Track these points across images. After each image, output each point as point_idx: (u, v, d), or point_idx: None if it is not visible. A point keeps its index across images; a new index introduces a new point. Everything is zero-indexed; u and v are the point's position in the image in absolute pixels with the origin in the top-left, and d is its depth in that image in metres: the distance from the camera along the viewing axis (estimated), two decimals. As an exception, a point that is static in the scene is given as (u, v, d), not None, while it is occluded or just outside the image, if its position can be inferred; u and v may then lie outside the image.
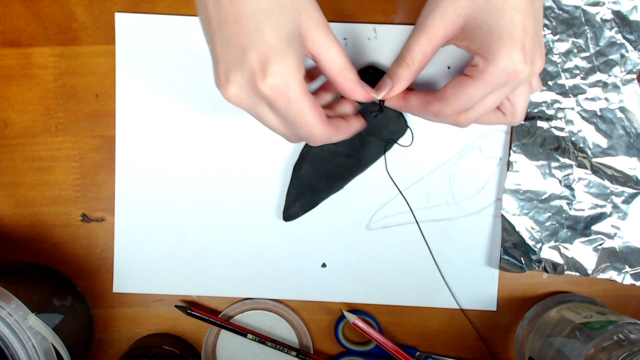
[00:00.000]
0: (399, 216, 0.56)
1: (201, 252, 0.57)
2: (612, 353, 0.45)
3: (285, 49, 0.39)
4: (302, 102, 0.41)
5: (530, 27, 0.41)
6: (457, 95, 0.44)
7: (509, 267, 0.55)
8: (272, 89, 0.40)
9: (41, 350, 0.46)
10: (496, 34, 0.41)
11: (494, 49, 0.41)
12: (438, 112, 0.46)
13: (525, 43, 0.41)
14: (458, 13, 0.42)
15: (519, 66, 0.41)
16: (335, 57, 0.43)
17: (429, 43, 0.44)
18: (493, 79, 0.42)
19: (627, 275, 0.55)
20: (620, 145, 0.55)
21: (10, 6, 0.55)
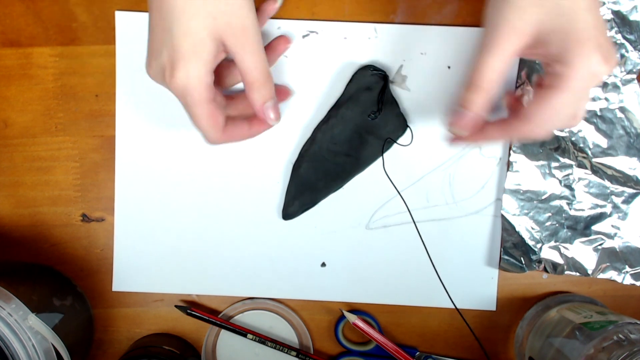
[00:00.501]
0: (398, 216, 0.56)
1: (201, 251, 0.57)
2: (612, 353, 0.45)
3: (189, 57, 0.41)
4: (198, 108, 0.43)
5: (601, 25, 0.40)
6: (544, 111, 0.41)
7: (509, 267, 0.55)
8: (175, 90, 0.43)
9: (41, 350, 0.46)
10: (574, 37, 0.39)
11: (575, 52, 0.39)
12: (528, 134, 0.43)
13: (600, 42, 0.39)
14: (528, 22, 0.40)
15: (600, 67, 0.39)
16: (249, 69, 0.43)
17: (500, 60, 0.42)
18: (579, 84, 0.40)
19: (627, 275, 0.55)
20: (620, 145, 0.55)
21: (10, 6, 0.55)
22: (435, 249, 0.56)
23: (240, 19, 0.42)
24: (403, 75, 0.55)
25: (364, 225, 0.56)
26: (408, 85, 0.55)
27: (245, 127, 0.48)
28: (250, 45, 0.43)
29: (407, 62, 0.55)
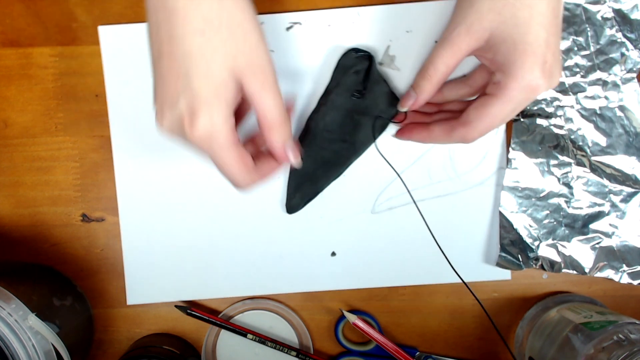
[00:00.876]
0: (403, 196, 0.56)
1: (211, 254, 0.57)
2: (612, 353, 0.45)
3: (211, 100, 0.39)
4: (226, 154, 0.41)
5: (553, 42, 0.41)
6: (481, 117, 0.44)
7: (506, 264, 0.55)
8: (198, 139, 0.40)
9: (41, 350, 0.46)
10: (520, 49, 0.41)
11: (518, 64, 0.41)
12: (464, 137, 0.46)
13: (546, 58, 0.41)
14: (484, 27, 0.43)
15: (539, 81, 0.41)
16: (268, 110, 0.42)
17: (452, 55, 0.45)
18: (516, 95, 0.42)
19: (625, 274, 0.55)
20: (620, 144, 0.55)
21: (10, 6, 0.55)
22: (442, 225, 0.56)
23: (259, 58, 0.41)
24: (391, 55, 0.54)
25: (369, 210, 0.56)
26: (397, 64, 0.55)
27: (272, 162, 0.46)
28: (269, 85, 0.41)
29: (393, 41, 0.55)
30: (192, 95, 0.39)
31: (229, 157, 0.41)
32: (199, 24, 0.38)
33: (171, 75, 0.39)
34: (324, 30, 0.55)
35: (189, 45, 0.38)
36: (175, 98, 0.39)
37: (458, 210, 0.56)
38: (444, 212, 0.56)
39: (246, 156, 0.43)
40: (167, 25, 0.39)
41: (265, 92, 0.41)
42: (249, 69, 0.40)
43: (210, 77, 0.39)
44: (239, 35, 0.39)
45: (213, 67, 0.39)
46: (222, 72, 0.39)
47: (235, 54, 0.39)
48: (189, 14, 0.38)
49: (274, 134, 0.43)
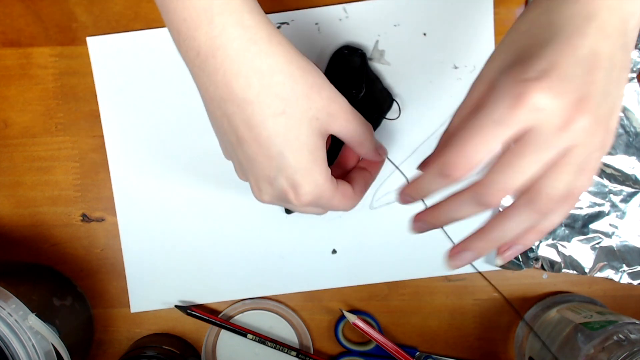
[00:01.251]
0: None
1: (209, 256, 0.57)
2: (612, 353, 0.45)
3: (311, 168, 0.39)
4: (332, 202, 0.42)
5: (564, 62, 0.32)
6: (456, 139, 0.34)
7: (506, 264, 0.55)
8: (307, 204, 0.41)
9: (41, 350, 0.46)
10: (512, 64, 0.34)
11: (504, 75, 0.34)
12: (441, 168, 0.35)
13: (543, 67, 0.32)
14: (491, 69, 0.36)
15: (527, 84, 0.32)
16: (353, 135, 0.42)
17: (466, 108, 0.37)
18: (492, 101, 0.33)
19: (625, 274, 0.55)
20: (620, 144, 0.55)
21: (10, 6, 0.55)
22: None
23: (335, 102, 0.40)
24: (380, 50, 0.54)
25: (367, 206, 0.56)
26: (387, 59, 0.55)
27: (366, 175, 0.47)
28: (350, 116, 0.41)
29: (382, 36, 0.54)
30: (291, 170, 0.39)
31: (335, 201, 0.42)
32: (278, 105, 0.38)
33: (263, 156, 0.39)
34: (312, 29, 0.55)
35: (274, 128, 0.38)
36: (272, 176, 0.40)
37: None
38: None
39: (346, 189, 0.44)
40: (242, 115, 0.38)
41: (349, 122, 0.41)
42: (330, 118, 0.40)
43: (302, 148, 0.39)
44: (315, 98, 0.39)
45: (302, 139, 0.39)
46: (310, 139, 0.39)
47: (317, 115, 0.39)
48: (264, 101, 0.37)
49: (366, 145, 0.44)
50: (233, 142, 0.40)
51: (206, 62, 0.37)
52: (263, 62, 0.37)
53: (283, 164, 0.39)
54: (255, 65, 0.37)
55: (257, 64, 0.37)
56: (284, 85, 0.38)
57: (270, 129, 0.38)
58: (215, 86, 0.37)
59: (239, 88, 0.37)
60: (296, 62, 0.38)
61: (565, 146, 0.32)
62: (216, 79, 0.37)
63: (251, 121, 0.38)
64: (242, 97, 0.37)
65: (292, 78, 0.38)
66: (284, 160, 0.39)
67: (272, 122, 0.38)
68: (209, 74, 0.37)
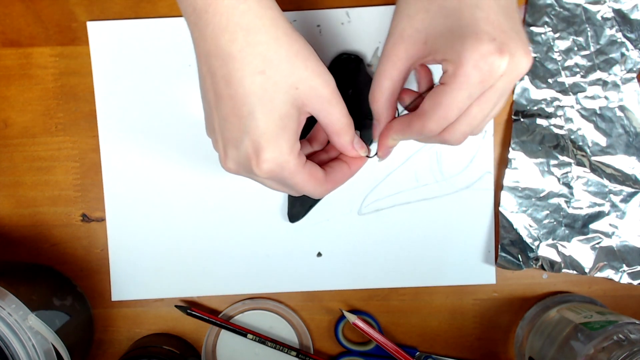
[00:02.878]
0: (389, 199, 0.56)
1: (196, 252, 0.57)
2: (612, 353, 0.45)
3: (277, 133, 0.40)
4: (297, 177, 0.42)
5: (497, 20, 0.38)
6: (434, 108, 0.40)
7: (506, 264, 0.55)
8: (267, 173, 0.41)
9: (41, 350, 0.46)
10: (458, 33, 0.38)
11: (459, 48, 0.37)
12: (421, 130, 0.41)
13: (495, 36, 0.37)
14: (416, 28, 0.40)
15: (492, 59, 0.37)
16: (332, 121, 0.42)
17: (393, 67, 0.42)
18: (467, 80, 0.38)
19: (625, 274, 0.55)
20: (619, 144, 0.55)
21: (10, 6, 0.55)
22: (429, 229, 0.56)
23: (320, 77, 0.40)
24: (380, 57, 0.54)
25: (356, 211, 0.56)
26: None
27: (344, 168, 0.47)
28: (334, 98, 0.41)
29: (382, 43, 0.54)
30: (257, 133, 0.39)
31: (300, 179, 0.42)
32: (258, 64, 0.38)
33: (234, 116, 0.39)
34: (313, 31, 0.55)
35: (250, 86, 0.39)
36: (239, 138, 0.40)
37: (445, 214, 0.56)
38: (430, 214, 0.56)
39: (316, 172, 0.43)
40: (223, 70, 0.39)
41: (330, 105, 0.41)
42: (311, 92, 0.40)
43: (273, 112, 0.39)
44: (299, 65, 0.39)
45: (276, 102, 0.39)
46: (285, 106, 0.39)
47: (297, 84, 0.39)
48: (246, 57, 0.38)
49: (342, 137, 0.44)
50: (211, 103, 0.41)
51: (200, 17, 0.38)
52: (250, 21, 0.38)
53: (251, 124, 0.39)
54: (242, 22, 0.38)
55: (244, 21, 0.38)
56: (267, 45, 0.39)
57: (247, 86, 0.38)
58: (205, 40, 0.39)
59: (224, 42, 0.38)
60: (283, 28, 0.39)
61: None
62: (206, 33, 0.39)
63: (231, 77, 0.39)
64: (227, 52, 0.38)
65: (276, 41, 0.39)
66: (253, 120, 0.39)
67: (250, 80, 0.38)
68: (201, 29, 0.39)
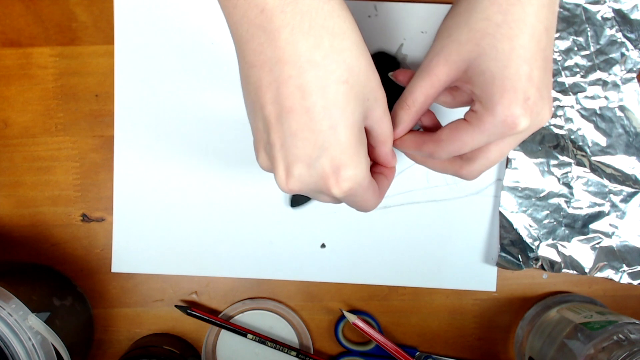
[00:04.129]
0: (398, 197, 0.56)
1: (201, 235, 0.56)
2: (612, 353, 0.45)
3: (359, 149, 0.37)
4: (367, 194, 0.41)
5: (537, 76, 0.38)
6: (451, 139, 0.41)
7: (506, 264, 0.55)
8: (346, 192, 0.38)
9: (41, 350, 0.46)
10: (499, 83, 0.38)
11: (495, 99, 0.38)
12: (432, 153, 0.43)
13: (529, 94, 0.38)
14: (462, 58, 0.40)
15: (518, 119, 0.38)
16: (384, 130, 0.41)
17: (431, 86, 0.42)
18: (490, 128, 0.39)
19: (625, 274, 0.55)
20: (620, 144, 0.55)
21: (10, 6, 0.55)
22: (435, 230, 0.56)
23: (381, 89, 0.39)
24: (403, 54, 0.54)
25: None
26: (408, 63, 0.55)
27: (384, 179, 0.45)
28: (387, 110, 0.41)
29: (407, 40, 0.55)
30: (340, 149, 0.36)
31: (368, 196, 0.41)
32: (343, 73, 0.35)
33: (308, 131, 0.35)
34: None
35: (334, 97, 0.35)
36: (314, 156, 0.36)
37: (452, 217, 0.56)
38: (437, 217, 0.56)
39: (375, 187, 0.42)
40: (299, 79, 0.35)
41: (385, 115, 0.40)
42: (375, 104, 0.39)
43: (354, 126, 0.37)
44: (371, 76, 0.38)
45: (356, 116, 0.37)
46: (360, 119, 0.38)
47: (368, 95, 0.38)
48: (330, 65, 0.35)
49: (388, 145, 0.43)
50: (272, 117, 0.36)
51: (271, 19, 0.34)
52: (336, 24, 0.35)
53: (332, 140, 0.36)
54: (328, 24, 0.35)
55: (330, 24, 0.35)
56: (351, 52, 0.36)
57: (330, 97, 0.35)
58: (275, 46, 0.34)
59: (306, 47, 0.34)
60: (359, 32, 0.37)
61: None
62: (279, 37, 0.34)
63: (309, 87, 0.35)
64: (307, 58, 0.34)
65: (358, 48, 0.36)
66: (335, 136, 0.36)
67: (334, 89, 0.35)
68: (272, 33, 0.34)
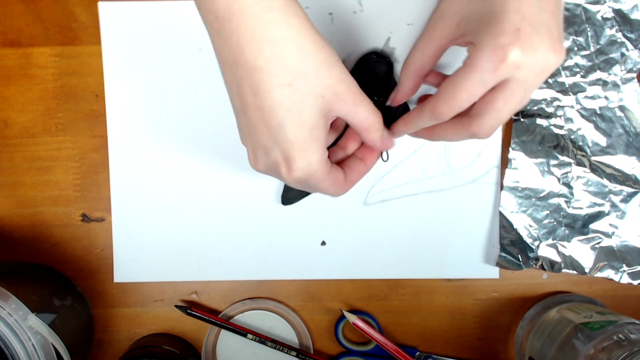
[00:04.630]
0: (396, 190, 0.56)
1: (199, 238, 0.57)
2: (612, 353, 0.45)
3: (307, 145, 0.40)
4: (322, 184, 0.43)
5: (528, 11, 0.37)
6: (449, 89, 0.40)
7: (506, 264, 0.55)
8: (296, 180, 0.41)
9: (41, 350, 0.46)
10: (486, 19, 0.38)
11: (482, 33, 0.38)
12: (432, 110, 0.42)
13: (520, 26, 0.37)
14: (454, 10, 0.42)
15: (508, 49, 0.36)
16: (360, 120, 0.43)
17: (427, 43, 0.44)
18: (481, 63, 0.38)
19: (625, 274, 0.55)
20: (619, 144, 0.55)
21: (10, 6, 0.55)
22: (434, 220, 0.56)
23: (343, 82, 0.40)
24: (391, 47, 0.54)
25: (361, 202, 0.56)
26: (397, 57, 0.55)
27: (361, 166, 0.47)
28: (358, 99, 0.42)
29: (394, 33, 0.55)
30: (288, 144, 0.39)
31: (325, 185, 0.43)
32: (286, 77, 0.38)
33: (263, 125, 0.40)
34: (325, 18, 0.55)
35: (278, 99, 0.38)
36: (269, 146, 0.40)
37: (450, 207, 0.56)
38: (435, 207, 0.56)
39: (338, 176, 0.44)
40: (249, 81, 0.38)
41: (356, 105, 0.41)
42: (336, 97, 0.40)
43: (303, 124, 0.39)
44: (324, 74, 0.39)
45: (304, 114, 0.39)
46: (313, 115, 0.40)
47: (323, 93, 0.40)
48: (273, 69, 0.38)
49: (373, 133, 0.44)
50: (238, 108, 0.41)
51: (223, 26, 0.38)
52: (276, 31, 0.38)
53: (281, 136, 0.39)
54: (269, 33, 0.37)
55: (271, 32, 0.37)
56: (294, 56, 0.38)
57: (275, 99, 0.38)
58: (229, 50, 0.38)
59: (250, 54, 0.38)
60: (310, 36, 0.39)
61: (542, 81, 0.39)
62: (230, 43, 0.38)
63: (257, 88, 0.38)
64: (252, 64, 0.38)
65: (303, 51, 0.38)
66: (283, 132, 0.39)
67: (278, 92, 0.38)
68: (225, 38, 0.38)
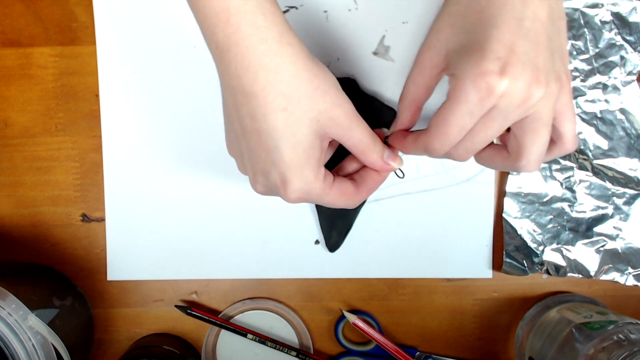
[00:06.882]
0: (390, 188, 0.56)
1: (195, 238, 0.56)
2: (612, 353, 0.45)
3: (302, 165, 0.41)
4: (326, 198, 0.44)
5: (513, 41, 0.37)
6: (437, 124, 0.40)
7: (511, 270, 0.55)
8: (295, 200, 0.43)
9: (41, 350, 0.46)
10: (469, 49, 0.38)
11: (464, 63, 0.38)
12: (426, 147, 0.42)
13: (501, 55, 0.37)
14: (440, 41, 0.42)
15: (490, 78, 0.36)
16: (355, 143, 0.43)
17: (418, 73, 0.44)
18: (464, 96, 0.37)
19: (630, 276, 0.56)
20: (621, 147, 0.55)
21: (10, 6, 0.55)
22: (428, 219, 0.56)
23: (339, 107, 0.42)
24: (386, 45, 0.55)
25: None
26: (391, 55, 0.55)
27: (374, 174, 0.47)
28: (353, 122, 0.43)
29: (389, 32, 0.55)
30: (284, 167, 0.41)
31: (329, 199, 0.44)
32: (280, 102, 0.40)
33: (261, 149, 0.41)
34: (320, 16, 0.54)
35: (274, 123, 0.40)
36: (267, 169, 0.42)
37: (444, 206, 0.56)
38: (430, 206, 0.56)
39: (345, 187, 0.45)
40: (247, 106, 0.41)
41: (351, 129, 0.43)
42: (331, 122, 0.42)
43: (297, 145, 0.41)
44: (318, 99, 0.41)
45: (299, 136, 0.41)
46: (307, 138, 0.41)
47: (318, 116, 0.41)
48: (268, 95, 0.40)
49: (369, 155, 0.45)
50: (238, 133, 0.43)
51: (222, 55, 0.40)
52: (271, 61, 0.40)
53: (277, 158, 0.41)
54: (263, 62, 0.40)
55: (265, 61, 0.40)
56: (288, 83, 0.40)
57: (271, 123, 0.40)
58: (229, 77, 0.41)
59: (247, 81, 0.40)
60: (303, 64, 0.41)
61: (525, 114, 0.39)
62: (230, 70, 0.40)
63: (255, 113, 0.40)
64: (249, 90, 0.40)
65: (297, 78, 0.40)
66: (279, 154, 0.41)
67: (274, 116, 0.40)
68: (225, 66, 0.40)
